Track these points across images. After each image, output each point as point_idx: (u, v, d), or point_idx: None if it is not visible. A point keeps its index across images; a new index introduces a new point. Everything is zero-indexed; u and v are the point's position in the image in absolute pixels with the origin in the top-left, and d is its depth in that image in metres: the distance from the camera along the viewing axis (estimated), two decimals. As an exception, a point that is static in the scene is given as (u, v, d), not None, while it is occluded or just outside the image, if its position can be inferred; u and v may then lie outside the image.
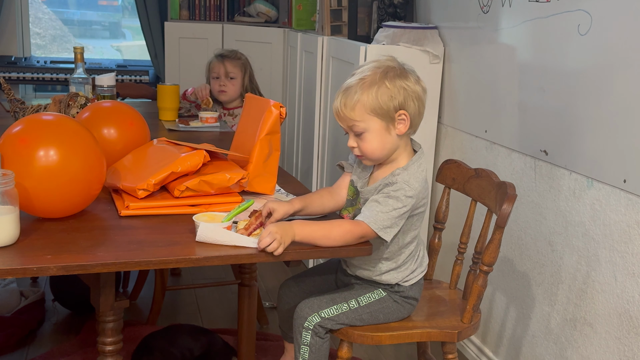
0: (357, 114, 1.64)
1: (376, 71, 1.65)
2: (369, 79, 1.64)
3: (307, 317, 1.74)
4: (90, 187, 1.59)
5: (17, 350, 2.52)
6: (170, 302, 2.99)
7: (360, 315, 1.77)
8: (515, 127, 2.28)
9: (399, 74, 1.65)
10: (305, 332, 1.74)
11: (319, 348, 1.75)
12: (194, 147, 1.81)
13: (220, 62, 3.07)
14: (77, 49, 2.66)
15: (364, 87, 1.63)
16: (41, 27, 5.21)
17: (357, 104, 1.63)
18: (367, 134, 1.66)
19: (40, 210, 1.57)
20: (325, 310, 1.75)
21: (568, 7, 1.99)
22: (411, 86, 1.65)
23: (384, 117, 1.64)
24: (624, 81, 1.79)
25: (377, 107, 1.63)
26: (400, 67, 1.67)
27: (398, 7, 2.89)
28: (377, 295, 1.80)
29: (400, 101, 1.63)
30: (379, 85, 1.63)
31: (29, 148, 1.50)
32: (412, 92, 1.65)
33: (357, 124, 1.66)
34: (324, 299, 1.78)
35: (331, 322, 1.75)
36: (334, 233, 1.58)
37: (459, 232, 2.08)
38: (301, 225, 1.56)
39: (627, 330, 1.83)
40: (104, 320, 1.65)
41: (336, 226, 1.60)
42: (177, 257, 1.44)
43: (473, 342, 2.61)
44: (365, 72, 1.66)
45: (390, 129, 1.66)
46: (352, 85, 1.65)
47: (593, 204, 1.94)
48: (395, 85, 1.63)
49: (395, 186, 1.65)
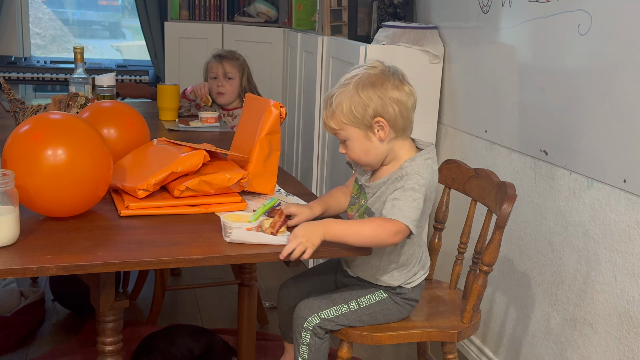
0: (335, 123, 1.69)
1: (352, 80, 1.67)
2: (345, 89, 1.67)
3: (306, 317, 1.74)
4: (98, 187, 1.59)
5: (17, 350, 2.52)
6: (170, 302, 2.99)
7: (360, 316, 1.77)
8: (515, 127, 2.28)
9: (373, 82, 1.65)
10: (304, 332, 1.74)
11: (318, 348, 1.75)
12: (194, 147, 1.81)
13: (218, 63, 3.07)
14: (77, 49, 2.66)
15: (340, 97, 1.66)
16: (41, 27, 5.21)
17: (334, 114, 1.68)
18: (350, 142, 1.70)
19: (47, 209, 1.57)
20: (325, 312, 1.75)
21: (568, 7, 1.99)
22: (386, 93, 1.64)
23: (360, 125, 1.67)
24: (624, 81, 1.79)
25: (352, 117, 1.66)
26: (378, 74, 1.66)
27: (398, 7, 2.89)
28: (378, 297, 1.79)
29: (374, 109, 1.64)
30: (352, 95, 1.65)
31: (40, 145, 1.50)
32: (389, 98, 1.64)
33: (338, 132, 1.70)
34: (324, 299, 1.78)
35: (331, 324, 1.75)
36: (364, 229, 1.59)
37: (459, 232, 2.08)
38: (331, 224, 1.58)
39: (627, 330, 1.83)
40: (104, 320, 1.65)
41: (366, 222, 1.62)
42: (177, 257, 1.44)
43: (473, 342, 2.61)
44: (344, 80, 1.69)
45: (370, 136, 1.68)
46: (331, 95, 1.69)
47: (593, 204, 1.94)
48: (368, 94, 1.64)
49: (407, 178, 1.65)
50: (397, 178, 1.68)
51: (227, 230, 1.53)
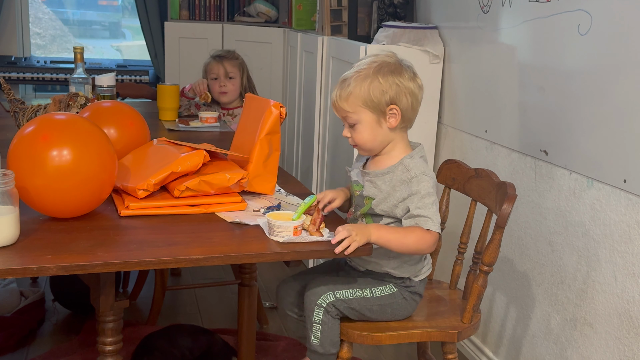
0: (349, 105, 1.71)
1: (371, 65, 1.71)
2: (364, 73, 1.70)
3: (321, 294, 1.75)
4: (103, 188, 1.59)
5: (17, 350, 2.52)
6: (170, 302, 2.99)
7: (371, 305, 1.79)
8: (515, 127, 2.28)
9: (392, 70, 1.70)
10: (317, 309, 1.75)
11: (331, 327, 1.76)
12: (194, 147, 1.81)
13: (218, 63, 3.07)
14: (77, 49, 2.66)
15: (357, 80, 1.69)
16: (41, 27, 5.21)
17: (350, 95, 1.70)
18: (359, 125, 1.72)
19: (52, 210, 1.57)
20: (342, 292, 1.76)
21: (568, 7, 1.99)
22: (404, 82, 1.70)
23: (375, 110, 1.70)
24: (624, 81, 1.79)
25: (369, 100, 1.69)
26: (397, 63, 1.72)
27: (398, 7, 2.89)
28: (389, 290, 1.81)
29: (391, 96, 1.69)
30: (372, 79, 1.69)
31: (47, 145, 1.50)
32: (405, 88, 1.70)
33: (349, 115, 1.72)
34: (341, 280, 1.81)
35: (343, 305, 1.76)
36: (408, 239, 1.66)
37: (459, 232, 2.08)
38: (377, 228, 1.64)
39: (627, 330, 1.83)
40: (104, 320, 1.65)
41: (410, 232, 1.66)
42: (177, 257, 1.44)
43: (473, 342, 2.61)
44: (361, 65, 1.72)
45: (382, 122, 1.72)
46: (347, 77, 1.72)
47: (593, 204, 1.94)
48: (388, 81, 1.69)
49: (416, 180, 1.69)
50: (405, 181, 1.70)
51: (276, 230, 1.55)
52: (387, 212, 1.74)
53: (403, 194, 1.70)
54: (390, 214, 1.73)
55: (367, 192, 1.76)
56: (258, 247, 1.52)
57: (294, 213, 1.61)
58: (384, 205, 1.73)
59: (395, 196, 1.71)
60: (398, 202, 1.71)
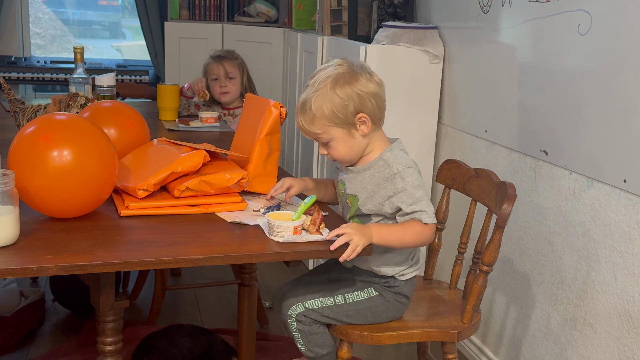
0: (317, 127, 1.70)
1: (326, 82, 1.67)
2: (321, 92, 1.67)
3: (290, 305, 1.77)
4: (103, 189, 1.59)
5: (17, 350, 2.52)
6: (170, 302, 2.99)
7: (346, 311, 1.78)
8: (515, 127, 2.28)
9: (348, 80, 1.67)
10: (290, 320, 1.77)
11: (309, 332, 1.77)
12: (194, 147, 1.81)
13: (218, 64, 3.07)
14: (77, 49, 2.66)
15: (317, 101, 1.67)
16: (41, 27, 5.21)
17: (315, 118, 1.69)
18: (333, 142, 1.72)
19: (53, 210, 1.57)
20: (310, 302, 1.76)
21: (568, 7, 1.99)
22: (363, 88, 1.67)
23: (343, 124, 1.69)
24: (624, 81, 1.79)
25: (334, 117, 1.67)
26: (350, 71, 1.69)
27: (398, 7, 2.89)
28: (367, 294, 1.79)
29: (355, 106, 1.67)
30: (331, 96, 1.66)
31: (48, 146, 1.50)
32: (365, 93, 1.67)
33: (320, 136, 1.72)
34: (310, 289, 1.80)
35: (315, 314, 1.76)
36: (408, 236, 1.67)
37: (459, 232, 2.08)
38: (378, 229, 1.63)
39: (627, 330, 1.83)
40: (104, 320, 1.65)
41: (409, 228, 1.67)
42: (177, 257, 1.44)
43: (473, 342, 2.61)
44: (316, 84, 1.69)
45: (353, 133, 1.71)
46: (306, 100, 1.69)
47: (593, 204, 1.94)
48: (347, 93, 1.66)
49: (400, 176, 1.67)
50: (389, 178, 1.69)
51: (275, 230, 1.55)
52: (374, 211, 1.74)
53: (388, 192, 1.69)
54: (378, 213, 1.73)
55: (350, 190, 1.77)
56: (258, 247, 1.52)
57: (294, 213, 1.61)
58: (370, 204, 1.73)
59: (381, 194, 1.71)
60: (384, 201, 1.70)
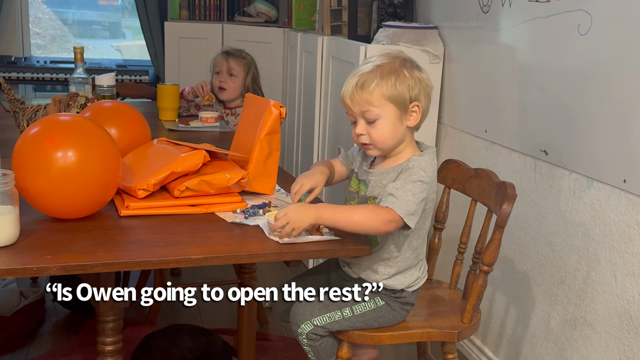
0: (374, 99, 1.62)
1: (394, 60, 1.64)
2: (388, 67, 1.63)
3: (299, 324, 1.72)
4: (107, 190, 1.59)
5: (17, 350, 2.52)
6: (170, 302, 2.98)
7: (353, 323, 1.75)
8: (515, 127, 2.28)
9: (416, 66, 1.66)
10: (300, 337, 1.74)
11: (319, 346, 1.75)
12: (194, 147, 1.81)
13: (224, 59, 3.08)
14: (77, 49, 2.66)
15: (383, 74, 1.62)
16: (41, 27, 5.21)
17: (376, 88, 1.62)
18: (380, 121, 1.64)
19: (56, 211, 1.57)
20: (318, 318, 1.72)
21: (568, 7, 1.99)
22: (425, 80, 1.66)
23: (399, 106, 1.63)
24: (624, 81, 1.79)
25: (395, 95, 1.62)
26: (414, 61, 1.68)
27: (398, 7, 2.89)
28: (374, 304, 1.76)
29: (416, 93, 1.64)
30: (398, 74, 1.62)
31: (53, 147, 1.50)
32: (426, 86, 1.66)
33: (372, 109, 1.63)
34: (317, 306, 1.73)
35: (323, 330, 1.73)
36: (357, 215, 1.58)
37: (459, 232, 2.08)
38: (325, 208, 1.58)
39: (627, 330, 1.83)
40: (104, 320, 1.65)
41: (359, 208, 1.61)
42: (177, 257, 1.44)
43: (473, 342, 2.61)
44: (382, 60, 1.65)
45: (403, 119, 1.65)
46: (369, 71, 1.63)
47: (593, 204, 1.94)
48: (413, 76, 1.63)
49: (410, 171, 1.63)
50: (403, 170, 1.65)
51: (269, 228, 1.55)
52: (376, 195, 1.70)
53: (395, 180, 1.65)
54: None
55: (370, 193, 1.71)
56: (258, 247, 1.52)
57: None
58: (377, 190, 1.70)
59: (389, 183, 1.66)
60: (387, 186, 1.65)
